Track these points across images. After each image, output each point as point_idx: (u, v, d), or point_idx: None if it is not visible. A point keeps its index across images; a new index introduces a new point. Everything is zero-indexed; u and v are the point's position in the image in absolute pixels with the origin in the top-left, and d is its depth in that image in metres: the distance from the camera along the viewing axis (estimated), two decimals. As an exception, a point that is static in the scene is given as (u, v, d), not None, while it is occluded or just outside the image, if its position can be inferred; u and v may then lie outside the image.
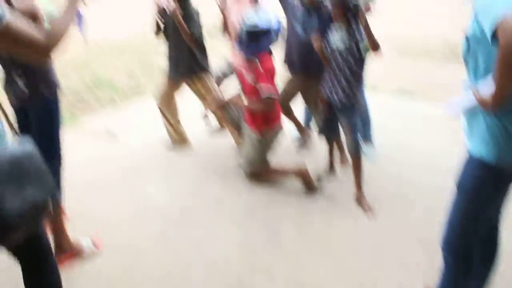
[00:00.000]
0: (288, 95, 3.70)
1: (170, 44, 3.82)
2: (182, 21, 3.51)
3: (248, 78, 3.20)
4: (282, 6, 3.60)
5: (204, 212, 3.01)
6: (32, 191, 1.37)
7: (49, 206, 1.46)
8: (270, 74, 3.12)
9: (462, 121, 1.67)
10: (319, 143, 3.98)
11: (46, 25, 2.11)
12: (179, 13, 3.51)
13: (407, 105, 5.43)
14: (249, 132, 3.32)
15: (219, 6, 3.78)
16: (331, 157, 3.54)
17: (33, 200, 1.37)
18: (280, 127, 3.34)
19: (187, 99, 4.36)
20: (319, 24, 3.28)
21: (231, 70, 4.14)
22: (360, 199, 3.14)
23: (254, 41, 3.06)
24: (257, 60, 3.09)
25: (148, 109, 4.99)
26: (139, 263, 2.45)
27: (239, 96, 3.44)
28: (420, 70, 7.53)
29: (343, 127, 3.14)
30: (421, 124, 4.70)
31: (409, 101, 5.59)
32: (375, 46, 2.76)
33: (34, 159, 1.42)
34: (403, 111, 5.15)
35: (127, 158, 3.83)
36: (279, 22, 3.15)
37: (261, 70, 3.08)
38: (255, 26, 3.04)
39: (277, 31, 3.12)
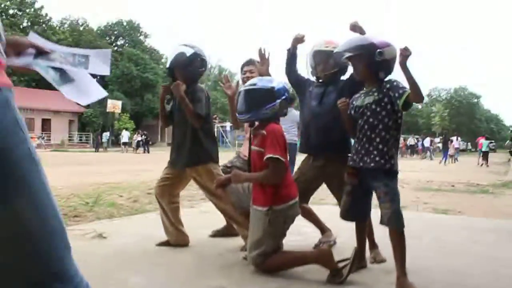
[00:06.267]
0: (307, 187, 3.18)
1: (174, 131, 3.53)
2: (186, 99, 3.26)
3: (255, 149, 2.81)
4: (294, 86, 3.39)
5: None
6: None
7: None
8: (278, 142, 2.71)
9: None
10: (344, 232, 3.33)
11: None
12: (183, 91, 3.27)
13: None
14: (256, 210, 2.77)
15: (227, 94, 3.53)
16: (360, 242, 2.86)
17: None
18: (294, 201, 2.78)
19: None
20: (337, 97, 2.99)
21: (242, 163, 3.72)
22: (404, 285, 2.40)
23: (255, 106, 2.75)
24: (264, 130, 2.74)
25: (147, 223, 4.44)
26: None
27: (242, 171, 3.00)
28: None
29: (379, 197, 2.57)
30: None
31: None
32: (417, 96, 2.44)
33: None
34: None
35: (113, 255, 3.19)
36: (285, 86, 2.86)
37: (267, 136, 2.70)
38: (253, 84, 2.79)
39: (282, 97, 2.79)
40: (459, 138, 28.25)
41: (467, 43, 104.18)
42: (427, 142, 29.25)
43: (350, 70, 3.09)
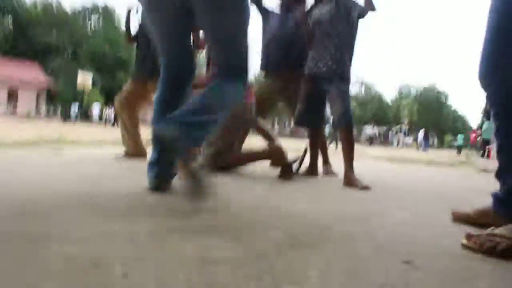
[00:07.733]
0: (264, 103, 3.21)
1: (138, 46, 3.56)
2: None
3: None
4: (260, 12, 3.43)
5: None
6: None
7: None
8: None
9: None
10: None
11: None
12: None
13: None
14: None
15: None
16: (312, 150, 2.96)
17: None
18: (249, 105, 2.85)
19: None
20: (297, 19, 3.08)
21: None
22: (351, 179, 2.51)
23: None
24: None
25: (112, 151, 4.42)
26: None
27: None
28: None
29: (332, 98, 2.69)
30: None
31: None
32: (370, 5, 2.63)
33: None
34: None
35: (77, 160, 3.17)
36: None
37: None
38: None
39: None
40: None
41: (441, 42, 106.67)
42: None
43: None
